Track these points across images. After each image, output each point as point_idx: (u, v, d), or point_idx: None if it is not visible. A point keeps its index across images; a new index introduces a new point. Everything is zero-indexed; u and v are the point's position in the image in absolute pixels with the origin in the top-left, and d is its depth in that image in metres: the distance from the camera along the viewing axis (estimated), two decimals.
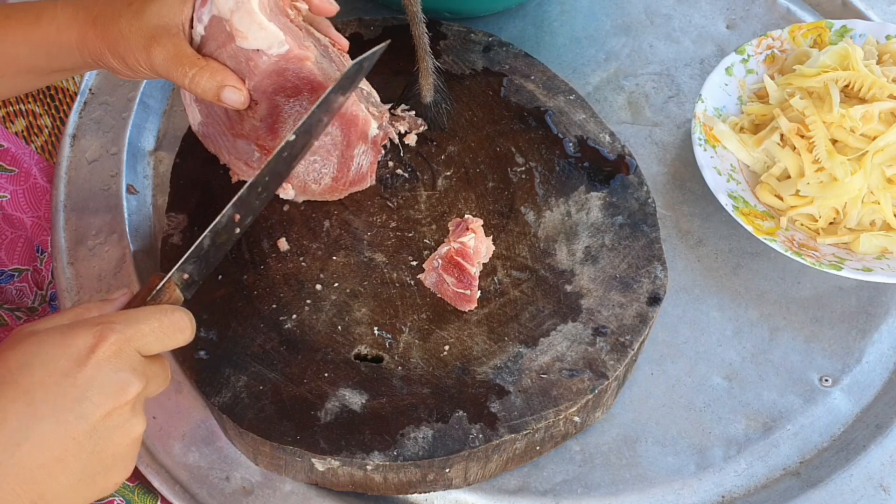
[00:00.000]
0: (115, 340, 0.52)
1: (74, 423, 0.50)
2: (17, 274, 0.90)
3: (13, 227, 0.89)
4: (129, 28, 0.66)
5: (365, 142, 0.75)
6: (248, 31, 0.67)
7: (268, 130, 0.74)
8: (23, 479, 0.49)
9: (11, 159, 0.89)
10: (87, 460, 0.51)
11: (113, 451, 0.52)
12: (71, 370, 0.50)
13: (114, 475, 0.54)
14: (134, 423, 0.53)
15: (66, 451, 0.50)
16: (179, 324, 0.57)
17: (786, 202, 0.83)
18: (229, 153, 0.78)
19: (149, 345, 0.54)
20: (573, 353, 0.70)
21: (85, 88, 0.93)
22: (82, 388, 0.50)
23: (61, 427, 0.50)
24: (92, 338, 0.52)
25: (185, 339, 0.57)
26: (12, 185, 0.88)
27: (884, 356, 0.79)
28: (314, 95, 0.71)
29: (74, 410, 0.50)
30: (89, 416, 0.51)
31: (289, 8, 0.70)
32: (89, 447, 0.51)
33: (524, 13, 1.01)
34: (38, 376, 0.50)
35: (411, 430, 0.66)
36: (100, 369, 0.51)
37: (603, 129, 0.84)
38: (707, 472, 0.73)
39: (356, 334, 0.71)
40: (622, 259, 0.75)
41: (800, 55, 0.90)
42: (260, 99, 0.71)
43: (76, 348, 0.51)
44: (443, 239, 0.75)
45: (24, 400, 0.49)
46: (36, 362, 0.51)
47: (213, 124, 0.77)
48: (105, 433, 0.52)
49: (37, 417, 0.49)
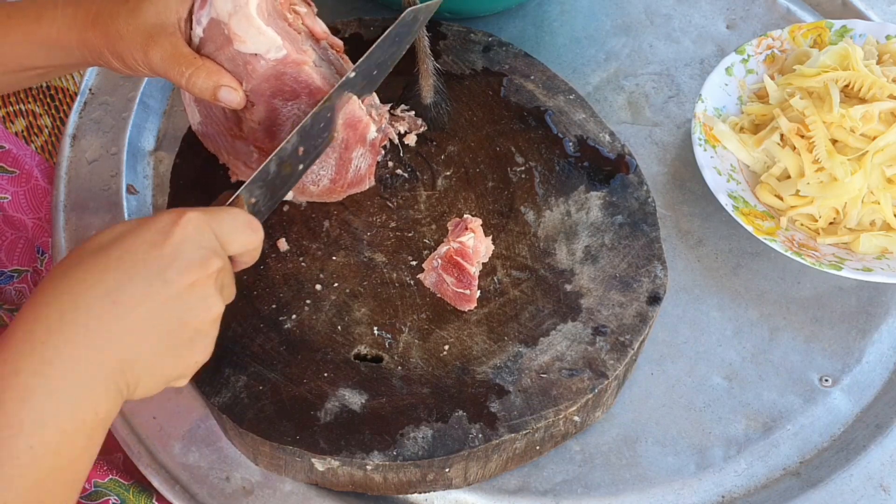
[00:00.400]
0: (195, 219, 0.55)
1: (162, 288, 0.53)
2: (17, 275, 0.90)
3: (14, 228, 0.89)
4: (127, 27, 0.66)
5: (363, 145, 0.75)
6: (245, 35, 0.67)
7: (265, 133, 0.74)
8: (111, 340, 0.51)
9: (13, 161, 0.89)
10: (171, 327, 0.54)
11: (196, 324, 0.55)
12: (157, 241, 0.53)
13: (195, 352, 0.56)
14: (215, 300, 0.56)
15: (154, 314, 0.53)
16: (252, 224, 0.59)
17: (786, 202, 0.83)
18: (228, 153, 0.78)
19: (226, 233, 0.57)
20: (573, 353, 0.70)
21: (85, 88, 0.93)
22: (169, 258, 0.53)
23: (150, 289, 0.52)
24: (173, 217, 0.54)
25: (257, 239, 0.60)
26: (13, 186, 0.88)
27: (884, 356, 0.79)
28: (312, 99, 0.71)
29: (162, 276, 0.53)
30: (175, 282, 0.53)
31: (287, 11, 0.70)
32: (175, 314, 0.54)
33: (524, 13, 1.01)
34: (128, 246, 0.53)
35: (411, 429, 0.66)
36: (184, 242, 0.54)
37: (603, 129, 0.84)
38: (707, 472, 0.73)
39: (356, 334, 0.71)
40: (622, 259, 0.75)
41: (800, 55, 0.90)
42: (258, 102, 0.71)
43: (160, 224, 0.54)
44: (442, 239, 0.75)
45: (116, 265, 0.52)
46: (125, 236, 0.54)
47: (212, 124, 0.77)
48: (189, 303, 0.54)
49: (128, 280, 0.52)
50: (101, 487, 0.71)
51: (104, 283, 0.52)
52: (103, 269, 0.52)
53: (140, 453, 0.71)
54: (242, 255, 0.60)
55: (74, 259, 0.54)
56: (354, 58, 0.78)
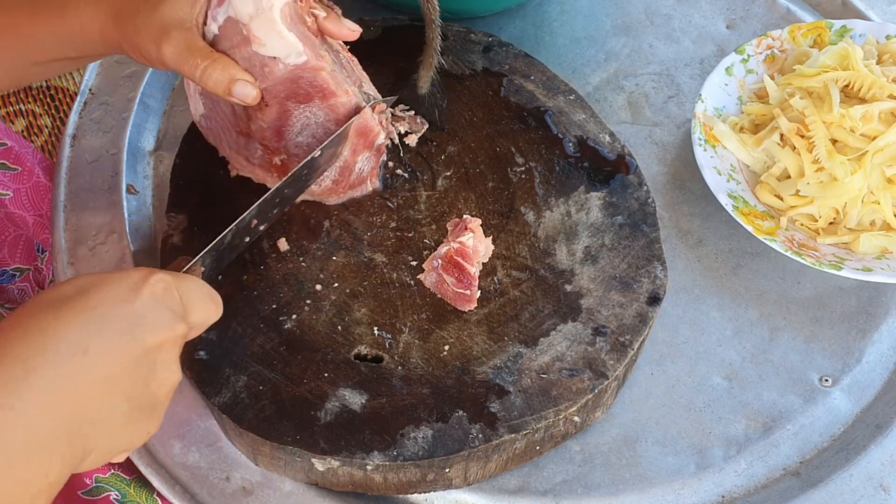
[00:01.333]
0: (164, 280, 0.54)
1: (129, 346, 0.51)
2: (19, 274, 0.90)
3: (15, 225, 0.90)
4: (145, 22, 0.66)
5: (370, 150, 0.76)
6: (266, 39, 0.67)
7: (274, 133, 0.74)
8: (76, 396, 0.49)
9: (15, 158, 0.89)
10: (135, 391, 0.52)
11: (157, 389, 0.53)
12: (128, 297, 0.52)
13: (149, 422, 0.54)
14: (176, 367, 0.55)
15: (120, 373, 0.51)
16: (214, 296, 0.59)
17: (786, 202, 0.83)
18: (230, 148, 0.78)
19: (190, 301, 0.56)
20: (573, 353, 0.70)
21: (85, 88, 0.93)
22: (138, 315, 0.52)
23: (118, 346, 0.51)
24: (142, 275, 0.54)
25: (217, 313, 0.59)
26: (15, 183, 0.88)
27: (884, 356, 0.79)
28: (325, 102, 0.72)
29: (132, 332, 0.51)
30: (143, 341, 0.52)
31: (306, 15, 0.71)
32: (140, 375, 0.52)
33: (524, 13, 1.01)
34: (97, 299, 0.51)
35: (411, 430, 0.66)
36: (153, 300, 0.53)
37: (603, 129, 0.84)
38: (707, 472, 0.73)
39: (356, 334, 0.71)
40: (622, 259, 0.75)
41: (800, 55, 0.90)
42: (271, 103, 0.71)
43: (129, 280, 0.53)
44: (443, 239, 0.75)
45: (86, 317, 0.50)
46: (91, 289, 0.52)
47: (217, 118, 0.77)
48: (153, 366, 0.53)
49: (97, 333, 0.50)
50: (103, 483, 0.71)
51: (71, 335, 0.49)
52: (71, 320, 0.50)
53: (140, 453, 0.71)
54: (197, 326, 0.58)
55: (33, 309, 0.51)
56: (357, 54, 0.78)
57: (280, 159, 0.76)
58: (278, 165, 0.77)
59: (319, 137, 0.73)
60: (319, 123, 0.73)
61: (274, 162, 0.77)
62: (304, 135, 0.74)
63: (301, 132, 0.74)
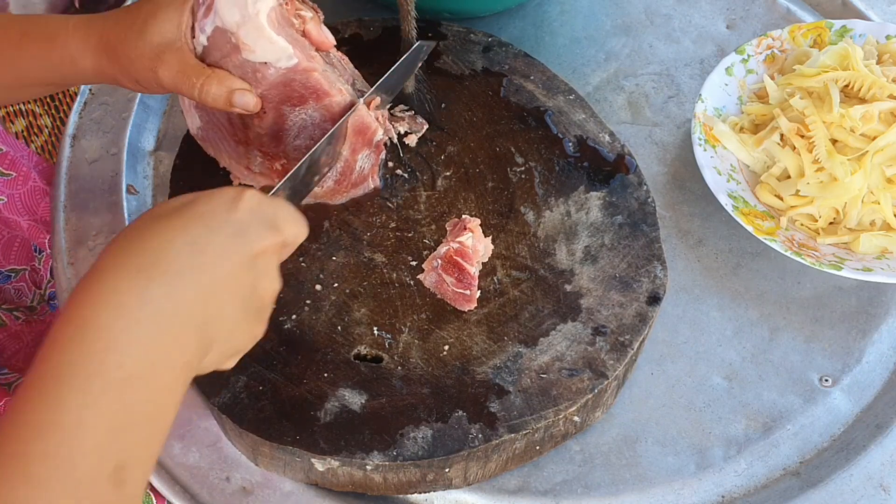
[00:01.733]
0: (256, 195, 0.55)
1: (239, 250, 0.53)
2: (14, 274, 0.90)
3: (9, 228, 0.90)
4: (135, 51, 0.66)
5: (369, 147, 0.76)
6: (255, 45, 0.67)
7: (272, 138, 0.74)
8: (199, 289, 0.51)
9: (9, 163, 0.89)
10: (246, 293, 0.53)
11: (263, 294, 0.55)
12: (230, 207, 0.53)
13: (258, 325, 0.56)
14: (276, 276, 0.56)
15: (234, 275, 0.52)
16: (300, 215, 0.59)
17: (786, 202, 0.83)
18: (230, 157, 0.78)
19: (280, 219, 0.57)
20: (573, 353, 0.70)
21: (85, 88, 0.93)
22: (242, 223, 0.53)
23: (230, 249, 0.52)
24: (236, 191, 0.55)
25: (304, 232, 0.59)
26: (9, 188, 0.88)
27: (884, 356, 0.79)
28: (319, 103, 0.72)
29: (241, 236, 0.53)
30: (250, 245, 0.53)
31: (293, 17, 0.70)
32: (249, 279, 0.53)
33: (524, 13, 1.01)
34: (206, 208, 0.53)
35: (411, 430, 0.66)
36: (250, 212, 0.54)
37: (603, 129, 0.84)
38: (707, 472, 0.73)
39: (356, 334, 0.71)
40: (622, 259, 0.75)
41: (800, 55, 0.90)
42: (266, 108, 0.71)
43: (227, 195, 0.54)
44: (442, 239, 0.75)
45: (198, 221, 0.52)
46: (197, 201, 0.53)
47: (214, 129, 0.77)
48: (260, 271, 0.54)
49: (211, 233, 0.52)
50: None
51: (188, 235, 0.51)
52: (185, 223, 0.52)
53: None
54: (290, 244, 0.59)
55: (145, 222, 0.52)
56: (354, 58, 0.78)
57: (280, 164, 0.76)
58: (279, 171, 0.77)
59: (317, 139, 0.73)
60: (316, 124, 0.73)
61: (275, 168, 0.77)
62: (301, 137, 0.74)
63: (298, 135, 0.74)
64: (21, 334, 0.88)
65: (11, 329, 0.87)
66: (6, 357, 0.86)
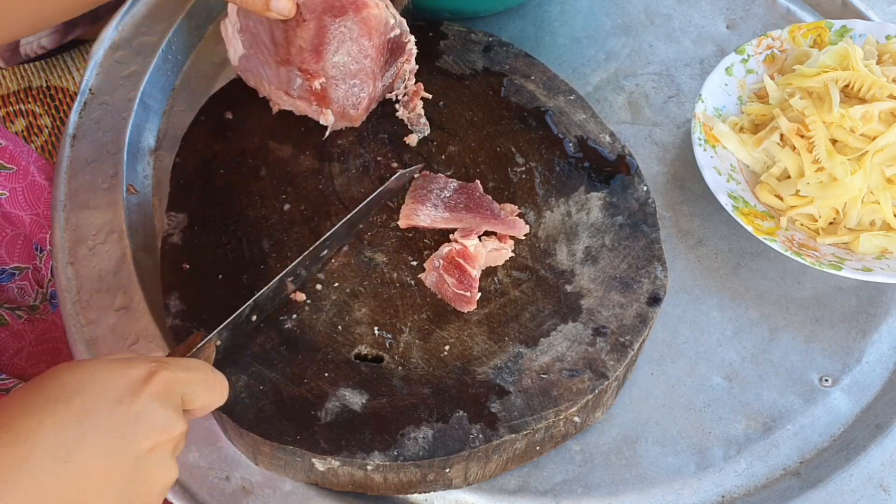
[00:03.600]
0: (167, 378, 0.53)
1: (122, 449, 0.50)
2: (18, 272, 0.90)
3: (12, 224, 0.90)
4: None
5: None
6: None
7: (313, 52, 0.77)
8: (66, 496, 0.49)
9: (10, 157, 0.89)
10: (126, 491, 0.51)
11: (149, 489, 0.53)
12: (125, 398, 0.51)
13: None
14: (171, 467, 0.54)
15: (110, 476, 0.50)
16: (221, 384, 0.58)
17: (786, 202, 0.83)
18: (270, 83, 0.82)
19: (193, 394, 0.55)
20: (573, 354, 0.70)
21: (85, 88, 0.93)
22: (134, 417, 0.51)
23: (109, 450, 0.50)
24: (147, 371, 0.52)
25: (221, 400, 0.59)
26: (11, 182, 0.88)
27: (884, 356, 0.79)
28: (358, 15, 0.76)
29: (124, 437, 0.50)
30: (137, 444, 0.51)
31: None
32: (131, 477, 0.51)
33: (524, 13, 1.01)
34: (93, 400, 0.50)
35: (411, 430, 0.66)
36: (151, 402, 0.52)
37: (603, 129, 0.84)
38: (707, 472, 0.73)
39: (356, 334, 0.71)
40: (622, 259, 0.75)
41: (800, 55, 0.90)
42: (308, 17, 0.75)
43: (131, 378, 0.52)
44: (443, 239, 0.75)
45: (76, 420, 0.50)
46: (91, 386, 0.51)
47: (257, 54, 0.80)
48: (147, 467, 0.52)
49: (87, 436, 0.49)
50: None
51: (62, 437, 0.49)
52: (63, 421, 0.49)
53: None
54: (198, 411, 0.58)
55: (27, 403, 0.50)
56: None
57: (320, 83, 0.79)
58: (318, 91, 0.79)
59: (354, 55, 0.77)
60: (354, 39, 0.77)
61: (314, 87, 0.79)
62: (340, 53, 0.77)
63: (338, 50, 0.77)
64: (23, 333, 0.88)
65: (13, 328, 0.87)
66: (8, 356, 0.86)
